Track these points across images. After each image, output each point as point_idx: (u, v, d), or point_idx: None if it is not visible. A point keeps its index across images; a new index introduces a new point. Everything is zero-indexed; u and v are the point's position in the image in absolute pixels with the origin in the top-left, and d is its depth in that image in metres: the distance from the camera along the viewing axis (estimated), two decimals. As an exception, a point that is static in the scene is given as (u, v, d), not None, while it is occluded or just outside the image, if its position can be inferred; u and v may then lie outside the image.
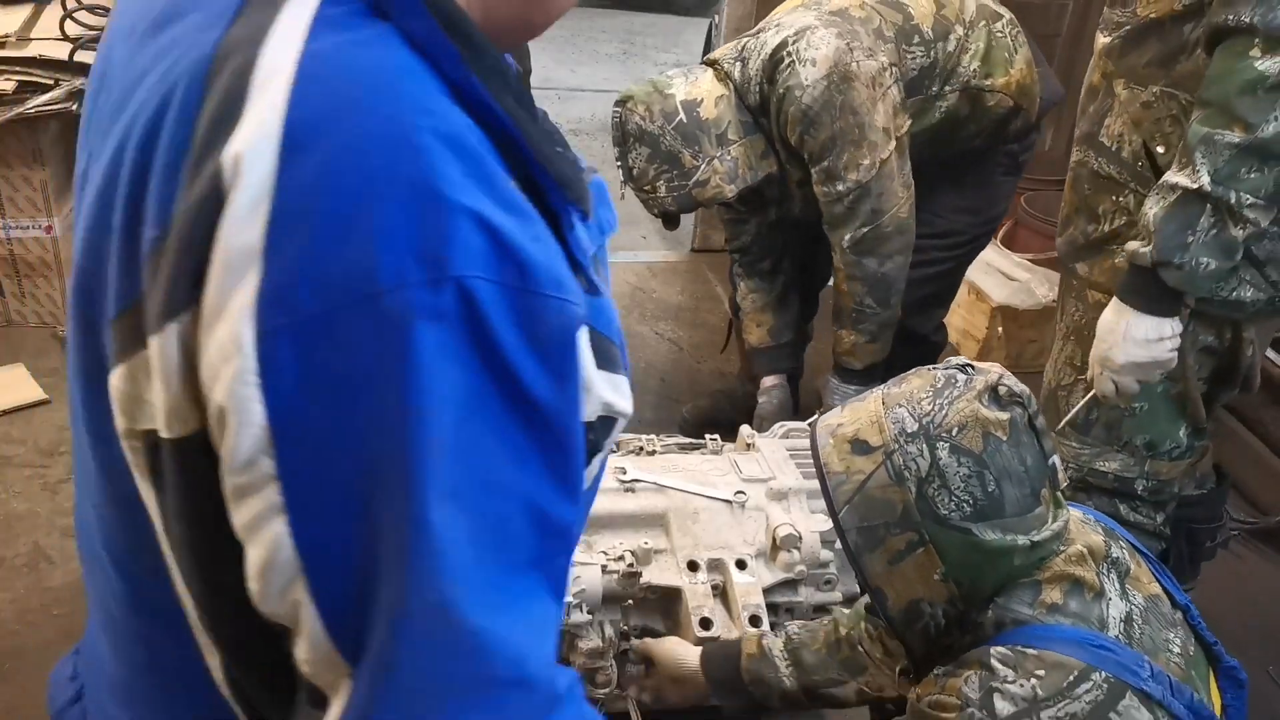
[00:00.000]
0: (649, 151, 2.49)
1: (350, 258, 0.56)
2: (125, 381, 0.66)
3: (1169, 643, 1.34)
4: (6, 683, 2.20)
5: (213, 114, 0.60)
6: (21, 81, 2.98)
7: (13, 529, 2.58)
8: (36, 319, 3.41)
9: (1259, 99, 1.55)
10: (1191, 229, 1.63)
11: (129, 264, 0.65)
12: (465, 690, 0.60)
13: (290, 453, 0.58)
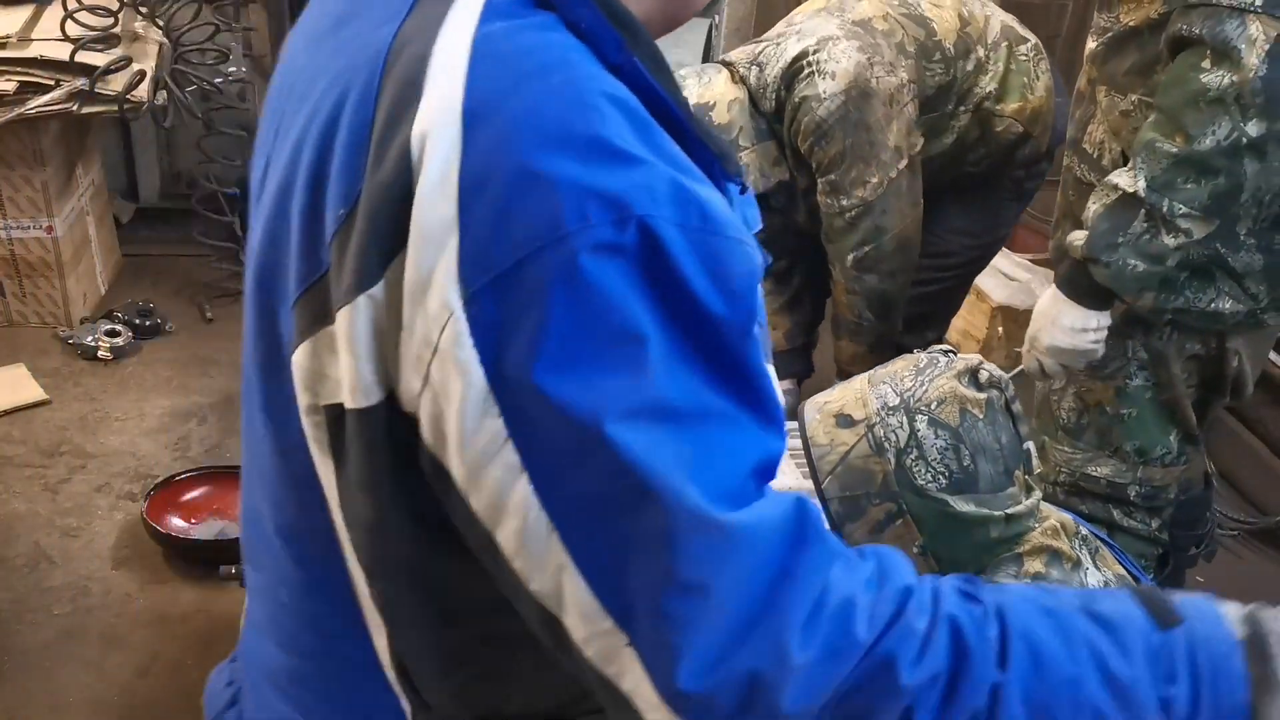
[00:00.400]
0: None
1: (535, 209, 0.59)
2: (309, 358, 0.69)
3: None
4: (7, 682, 2.20)
5: (393, 98, 0.64)
6: (22, 82, 2.98)
7: (13, 529, 2.58)
8: (37, 319, 3.41)
9: (1201, 111, 1.54)
10: (1123, 230, 1.64)
11: (310, 246, 0.68)
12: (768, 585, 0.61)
13: (514, 408, 0.60)
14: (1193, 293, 1.75)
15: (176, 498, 2.65)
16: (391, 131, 0.63)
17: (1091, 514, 2.05)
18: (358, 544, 0.73)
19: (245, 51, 3.61)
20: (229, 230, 3.64)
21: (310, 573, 0.79)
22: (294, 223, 0.70)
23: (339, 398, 0.68)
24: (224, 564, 2.10)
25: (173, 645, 2.32)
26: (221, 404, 3.15)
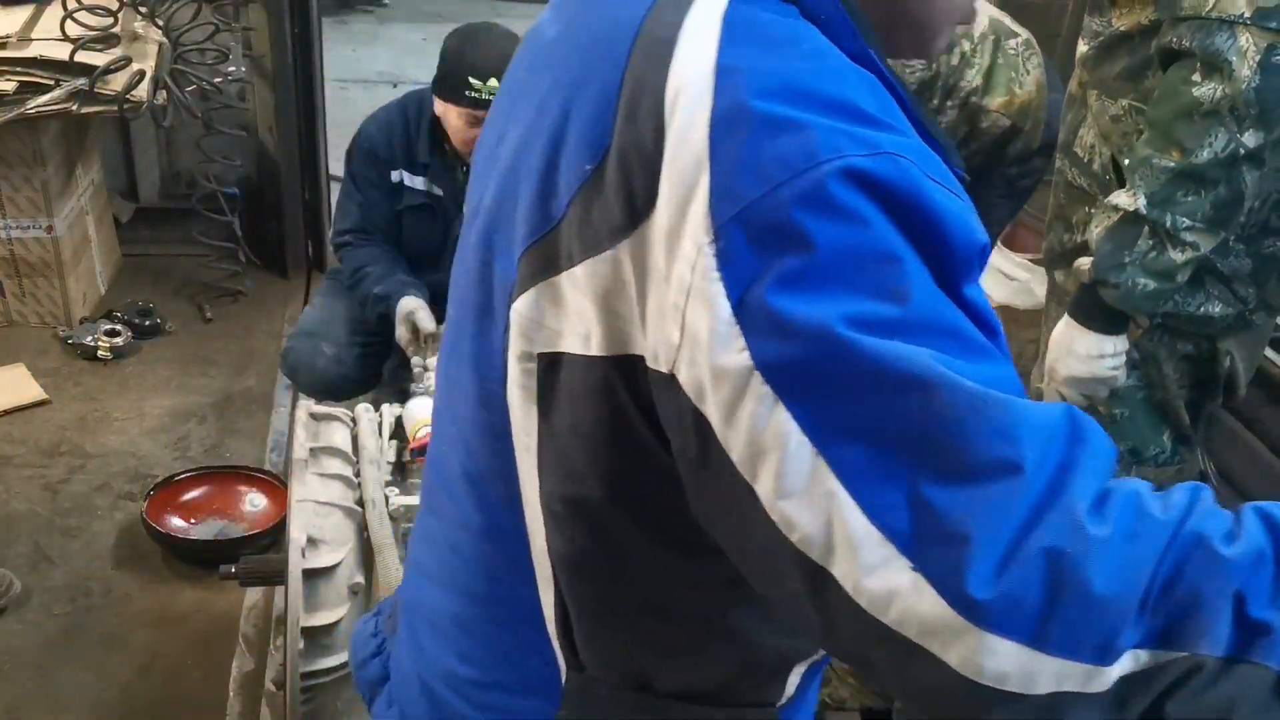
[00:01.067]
0: None
1: (787, 145, 0.60)
2: (530, 306, 0.71)
3: None
4: (6, 682, 2.19)
5: (643, 62, 0.67)
6: (22, 82, 2.98)
7: (13, 529, 2.58)
8: (37, 319, 3.41)
9: (1194, 124, 1.54)
10: (1128, 250, 1.63)
11: (543, 199, 0.70)
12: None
13: (761, 333, 0.59)
14: (1182, 298, 1.75)
15: (176, 498, 2.65)
16: (642, 88, 0.65)
17: None
18: (550, 494, 0.74)
19: (245, 51, 3.61)
20: (229, 230, 3.64)
21: (490, 519, 0.81)
22: (528, 178, 0.72)
23: (557, 346, 0.70)
24: (224, 564, 2.10)
25: (173, 645, 2.31)
26: (221, 404, 3.15)
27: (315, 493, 1.78)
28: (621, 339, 0.66)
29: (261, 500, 2.69)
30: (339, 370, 2.69)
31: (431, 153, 2.63)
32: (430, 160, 2.64)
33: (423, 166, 2.65)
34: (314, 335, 2.70)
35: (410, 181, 2.67)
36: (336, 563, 1.72)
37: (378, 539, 1.73)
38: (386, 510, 1.75)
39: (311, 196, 3.83)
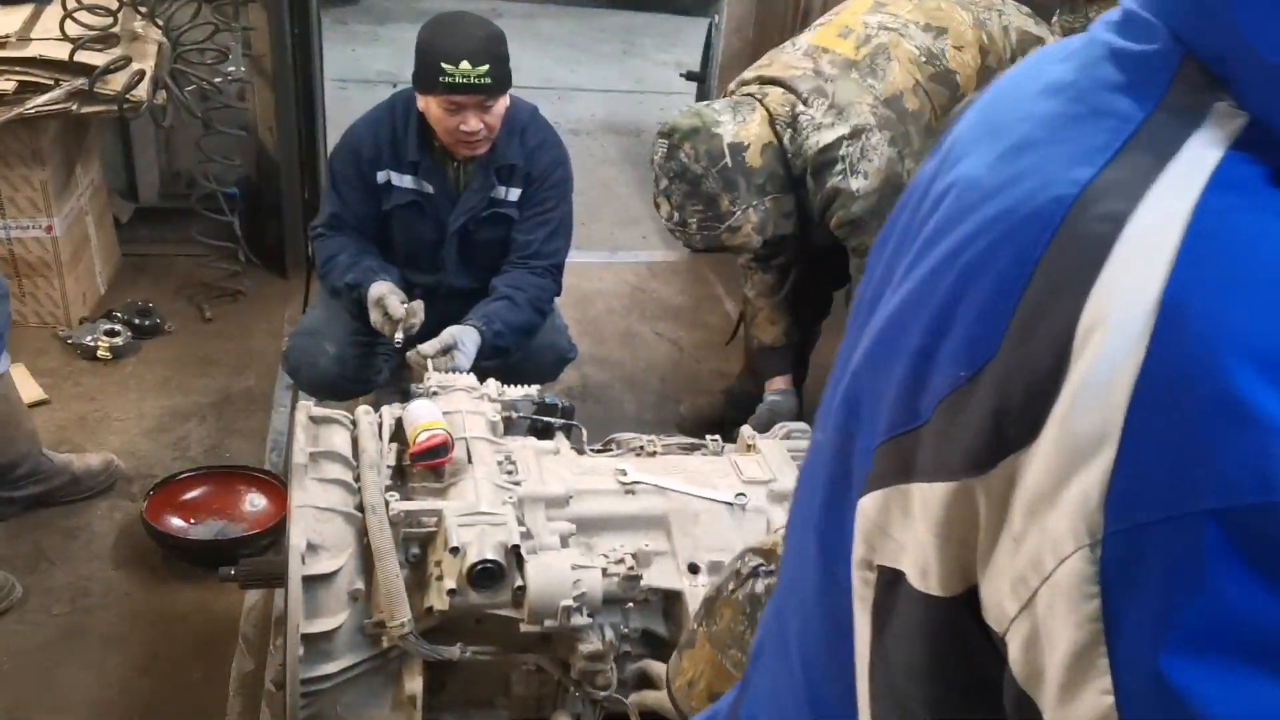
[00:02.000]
0: (688, 189, 2.49)
1: (1234, 453, 0.46)
2: (877, 511, 0.62)
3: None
4: (6, 682, 2.20)
5: (1061, 267, 0.52)
6: (21, 81, 2.98)
7: (13, 528, 2.58)
8: (36, 319, 3.41)
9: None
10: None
11: (910, 392, 0.60)
12: None
13: (1133, 686, 0.48)
14: None
15: (176, 498, 2.65)
16: (1048, 307, 0.52)
17: None
18: (878, 713, 0.65)
19: (245, 51, 3.60)
20: (228, 230, 3.64)
21: (818, 706, 0.73)
22: (902, 358, 0.61)
23: (899, 564, 0.61)
24: (223, 564, 2.10)
25: (172, 645, 2.32)
26: (221, 404, 3.15)
27: (315, 498, 1.78)
28: (968, 574, 0.57)
29: (261, 500, 2.69)
30: (341, 369, 2.69)
31: (420, 150, 2.63)
32: (419, 158, 2.64)
33: (411, 165, 2.65)
34: (316, 334, 2.70)
35: (398, 181, 2.67)
36: (336, 569, 1.72)
37: (377, 545, 1.73)
38: (386, 516, 1.75)
39: (311, 196, 3.82)
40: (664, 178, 2.52)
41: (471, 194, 2.67)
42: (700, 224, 2.51)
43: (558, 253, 2.79)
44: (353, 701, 1.79)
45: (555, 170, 2.74)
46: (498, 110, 2.54)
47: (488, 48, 2.46)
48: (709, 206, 2.49)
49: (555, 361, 2.85)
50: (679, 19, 8.13)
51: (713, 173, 2.47)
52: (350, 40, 6.84)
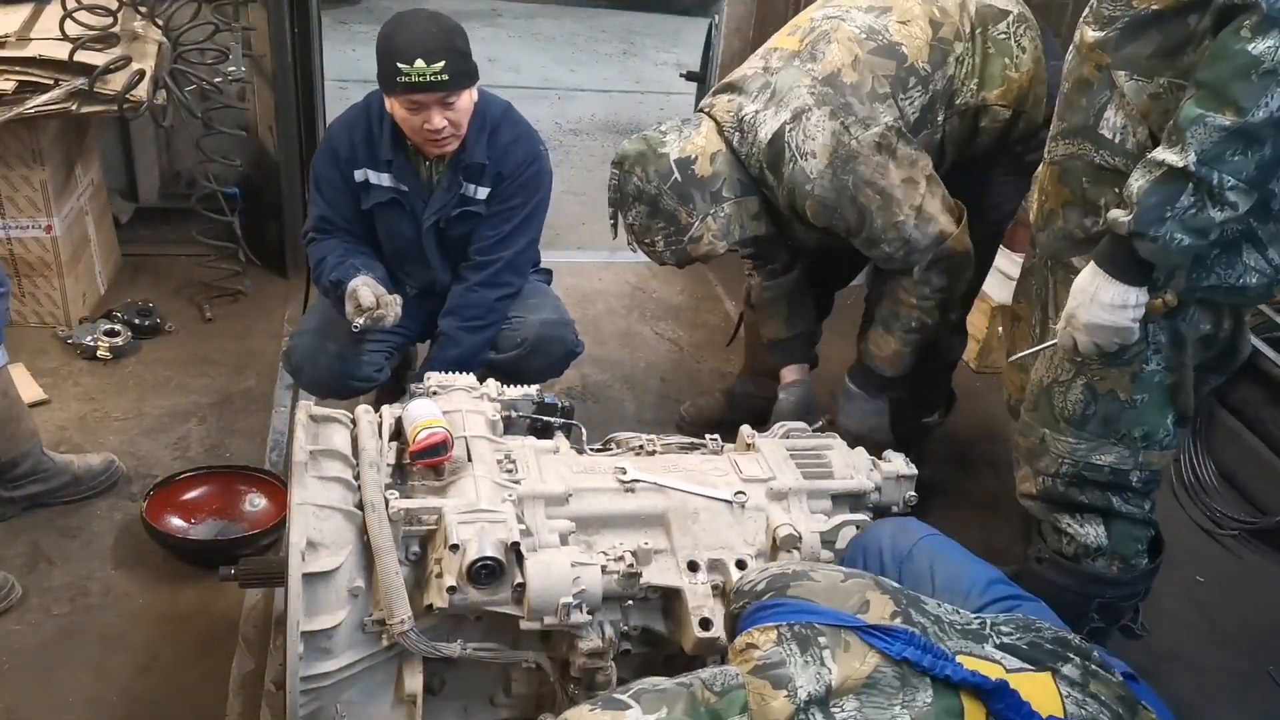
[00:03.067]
0: (648, 210, 2.53)
1: None
2: None
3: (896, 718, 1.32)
4: (6, 682, 2.19)
5: None
6: (21, 81, 2.97)
7: (13, 529, 2.58)
8: (36, 319, 3.41)
9: (1252, 83, 1.56)
10: (1171, 205, 1.67)
11: None
12: None
13: None
14: (1223, 269, 1.81)
15: (176, 498, 2.65)
16: None
17: (1090, 503, 2.09)
18: None
19: (245, 51, 3.60)
20: (228, 230, 3.64)
21: None
22: None
23: None
24: (223, 564, 2.10)
25: (172, 645, 2.32)
26: (221, 404, 3.15)
27: (315, 496, 1.78)
28: None
29: (261, 500, 2.69)
30: (342, 369, 2.69)
31: (394, 149, 2.63)
32: (393, 157, 2.64)
33: (386, 164, 2.65)
34: (318, 333, 2.70)
35: (376, 179, 2.67)
36: (336, 566, 1.72)
37: (377, 543, 1.73)
38: (386, 514, 1.75)
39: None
40: (620, 205, 2.57)
41: (442, 192, 2.68)
42: (666, 241, 2.55)
43: (516, 245, 2.75)
44: (353, 699, 1.79)
45: (526, 168, 2.71)
46: (462, 106, 2.52)
47: (443, 43, 2.44)
48: (670, 222, 2.53)
49: (563, 355, 2.85)
50: (679, 19, 8.13)
51: (665, 190, 2.51)
52: (350, 40, 6.84)
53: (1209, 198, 1.64)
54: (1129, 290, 1.79)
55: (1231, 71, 1.58)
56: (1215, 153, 1.61)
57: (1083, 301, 1.84)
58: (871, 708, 1.33)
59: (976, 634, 1.48)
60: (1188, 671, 2.56)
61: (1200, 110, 1.62)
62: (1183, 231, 1.68)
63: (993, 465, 3.23)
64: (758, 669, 1.38)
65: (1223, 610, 2.78)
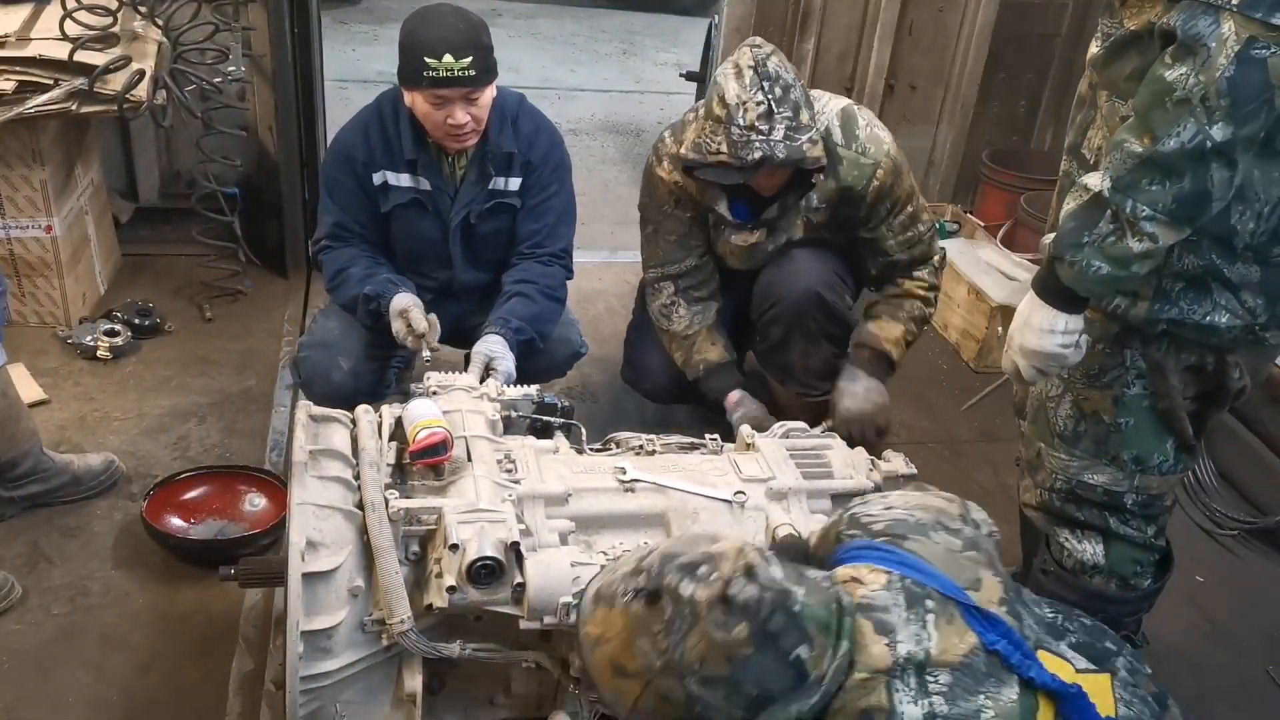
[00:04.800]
0: (780, 94, 2.46)
1: None
2: None
3: (980, 711, 1.34)
4: (6, 682, 2.19)
5: None
6: (21, 81, 2.97)
7: (13, 528, 2.58)
8: (36, 319, 3.41)
9: (1166, 111, 1.52)
10: (1089, 230, 1.63)
11: None
12: None
13: None
14: (1187, 304, 1.75)
15: (176, 498, 2.65)
16: None
17: (1087, 520, 2.05)
18: None
19: (245, 51, 3.60)
20: (228, 230, 3.64)
21: None
22: None
23: None
24: (223, 564, 2.10)
25: (172, 645, 2.32)
26: (221, 404, 3.15)
27: (315, 496, 1.78)
28: None
29: (261, 500, 2.69)
30: (354, 384, 2.67)
31: (416, 148, 2.62)
32: (416, 155, 2.62)
33: (409, 164, 2.63)
34: (330, 348, 2.68)
35: (395, 180, 2.65)
36: (336, 566, 1.72)
37: (377, 542, 1.73)
38: (386, 513, 1.75)
39: (311, 196, 3.82)
40: (754, 82, 2.44)
41: (470, 187, 2.67)
42: (786, 131, 2.45)
43: (563, 239, 2.79)
44: (353, 699, 1.79)
45: (553, 154, 2.73)
46: (484, 101, 2.52)
47: (470, 38, 2.44)
48: (795, 114, 2.46)
49: (568, 356, 2.85)
50: (679, 19, 8.13)
51: (799, 84, 2.51)
52: (350, 40, 6.84)
53: (1127, 226, 1.59)
54: (1057, 316, 1.74)
55: (1150, 98, 1.54)
56: (1129, 180, 1.57)
57: (1018, 325, 1.82)
58: (962, 690, 1.34)
59: (1054, 629, 1.50)
60: (1188, 671, 2.56)
61: (1122, 136, 1.59)
62: (1101, 259, 1.63)
63: (992, 465, 3.23)
64: (862, 607, 1.38)
65: (1223, 610, 2.78)
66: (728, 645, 1.32)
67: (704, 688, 1.32)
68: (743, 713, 1.34)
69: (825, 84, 4.14)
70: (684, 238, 2.83)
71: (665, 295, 2.88)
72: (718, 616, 1.32)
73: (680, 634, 1.34)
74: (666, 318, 2.89)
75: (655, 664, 1.35)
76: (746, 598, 1.33)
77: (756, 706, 1.33)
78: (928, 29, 4.15)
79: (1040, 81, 4.52)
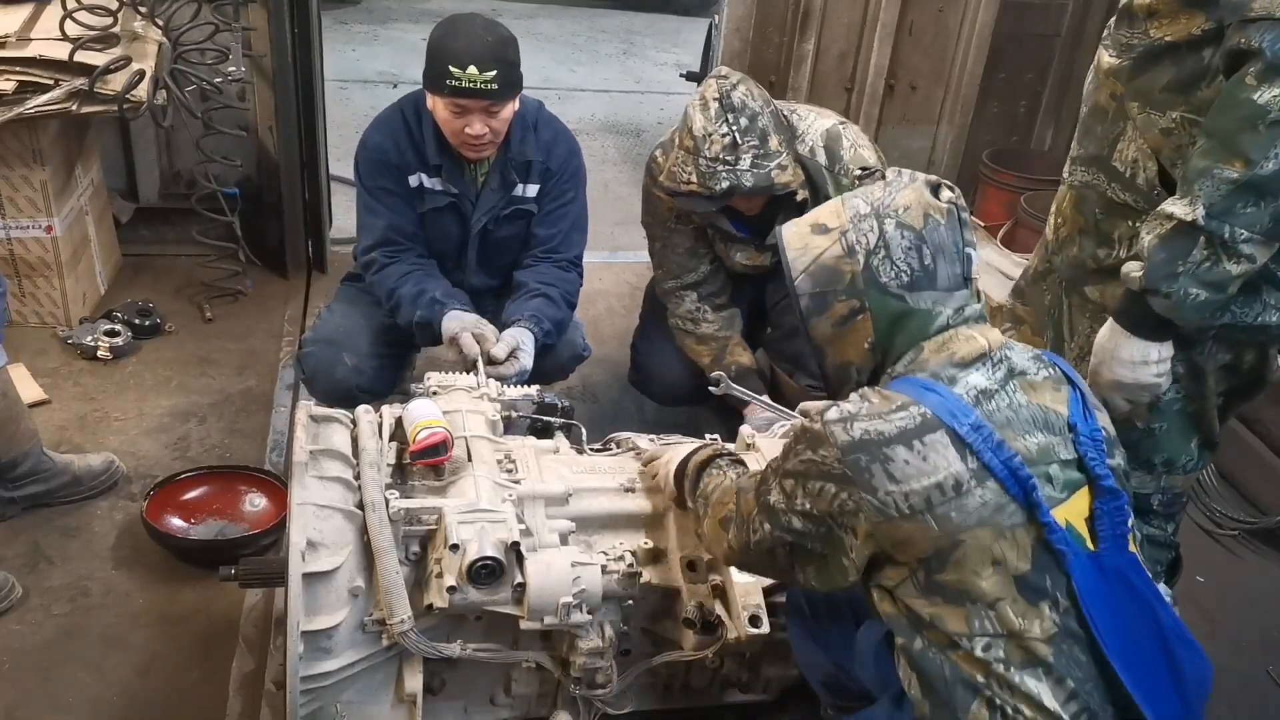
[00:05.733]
0: (746, 124, 2.52)
1: None
2: None
3: (1028, 434, 1.43)
4: (6, 682, 2.19)
5: None
6: (21, 81, 2.97)
7: (13, 528, 2.58)
8: (36, 319, 3.41)
9: (1259, 134, 1.51)
10: (1182, 260, 1.61)
11: None
12: None
13: None
14: (1239, 308, 1.75)
15: (176, 498, 2.65)
16: None
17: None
18: None
19: (245, 51, 3.60)
20: (228, 230, 3.64)
21: None
22: None
23: None
24: (224, 564, 2.10)
25: (172, 645, 2.32)
26: (221, 404, 3.15)
27: (315, 496, 1.78)
28: None
29: (261, 500, 2.69)
30: (357, 380, 2.68)
31: (440, 153, 2.63)
32: (440, 160, 2.63)
33: (435, 168, 2.64)
34: (334, 344, 2.69)
35: (429, 184, 2.66)
36: (336, 566, 1.72)
37: (377, 543, 1.73)
38: (386, 513, 1.75)
39: (311, 196, 3.82)
40: (719, 115, 2.52)
41: (491, 193, 2.68)
42: (753, 159, 2.51)
43: (577, 246, 2.81)
44: (353, 699, 1.79)
45: (571, 162, 2.76)
46: (504, 115, 2.54)
47: (496, 53, 2.46)
48: (762, 143, 2.52)
49: (572, 358, 2.86)
50: (679, 19, 8.13)
51: (766, 111, 2.55)
52: (350, 40, 6.84)
53: (1222, 251, 1.59)
54: (1149, 346, 1.73)
55: (1238, 122, 1.53)
56: (1225, 206, 1.56)
57: (1104, 359, 1.79)
58: (1030, 414, 1.46)
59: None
60: (1188, 671, 2.56)
61: (1207, 162, 1.57)
62: (1198, 286, 1.62)
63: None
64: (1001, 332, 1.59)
65: (1223, 610, 2.78)
66: (930, 205, 1.50)
67: (897, 230, 1.49)
68: (908, 276, 1.49)
69: (825, 84, 4.15)
70: (692, 248, 2.87)
71: (689, 302, 2.92)
72: (928, 189, 1.53)
73: (898, 188, 1.54)
74: (694, 322, 2.92)
75: (863, 210, 1.52)
76: (952, 188, 1.55)
77: (921, 277, 1.49)
78: (928, 29, 4.15)
79: (1040, 81, 4.52)
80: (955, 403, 1.41)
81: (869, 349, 1.52)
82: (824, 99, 3.99)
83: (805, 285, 1.54)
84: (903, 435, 1.38)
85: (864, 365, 1.54)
